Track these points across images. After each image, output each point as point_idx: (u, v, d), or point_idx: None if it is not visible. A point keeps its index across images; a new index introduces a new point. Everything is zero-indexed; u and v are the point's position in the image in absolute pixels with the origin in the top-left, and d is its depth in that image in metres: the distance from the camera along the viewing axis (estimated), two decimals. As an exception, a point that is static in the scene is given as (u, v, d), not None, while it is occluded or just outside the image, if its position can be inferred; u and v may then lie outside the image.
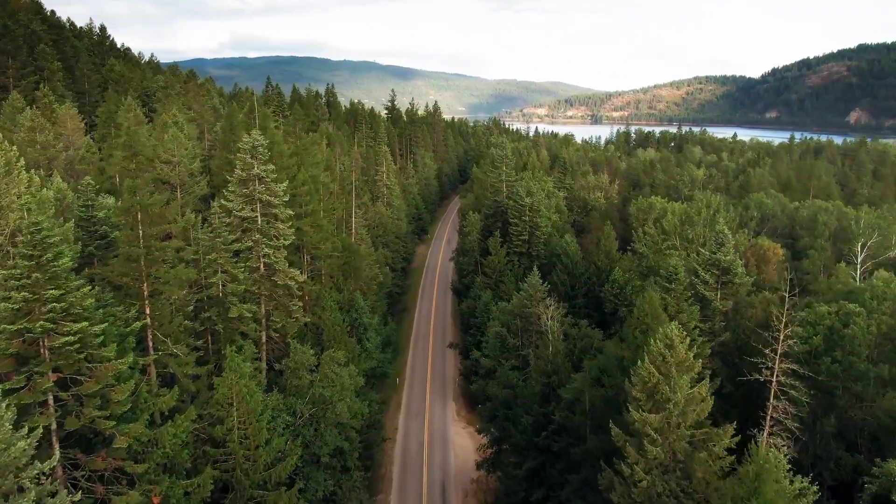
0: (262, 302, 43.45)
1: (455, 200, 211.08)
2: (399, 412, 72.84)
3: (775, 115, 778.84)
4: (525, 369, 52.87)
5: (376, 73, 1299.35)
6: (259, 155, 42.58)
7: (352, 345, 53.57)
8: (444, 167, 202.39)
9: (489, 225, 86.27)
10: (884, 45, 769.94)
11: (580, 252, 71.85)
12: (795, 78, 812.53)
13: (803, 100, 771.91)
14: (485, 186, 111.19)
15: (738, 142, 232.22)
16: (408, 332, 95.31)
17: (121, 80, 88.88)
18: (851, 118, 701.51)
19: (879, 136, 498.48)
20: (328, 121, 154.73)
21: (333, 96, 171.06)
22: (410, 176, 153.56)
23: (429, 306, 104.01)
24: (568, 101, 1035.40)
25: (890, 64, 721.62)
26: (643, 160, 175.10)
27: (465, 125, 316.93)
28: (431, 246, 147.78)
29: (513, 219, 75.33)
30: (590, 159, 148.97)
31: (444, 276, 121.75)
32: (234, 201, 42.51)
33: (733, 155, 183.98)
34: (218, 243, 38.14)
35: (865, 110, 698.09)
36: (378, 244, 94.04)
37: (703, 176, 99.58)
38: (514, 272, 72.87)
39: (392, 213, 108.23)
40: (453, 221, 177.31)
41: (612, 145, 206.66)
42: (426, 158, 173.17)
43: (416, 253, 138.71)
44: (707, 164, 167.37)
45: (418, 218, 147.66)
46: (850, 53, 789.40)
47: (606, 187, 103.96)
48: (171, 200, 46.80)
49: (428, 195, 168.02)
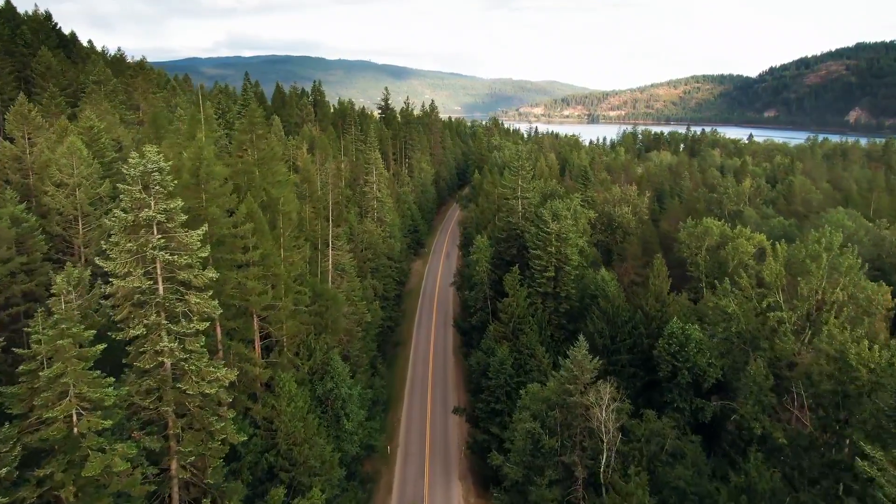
0: (169, 420, 26.74)
1: (454, 207, 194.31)
2: (390, 499, 56.21)
3: (773, 115, 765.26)
4: (570, 485, 36.29)
5: (371, 73, 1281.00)
6: (157, 185, 25.83)
7: (324, 451, 36.84)
8: (441, 171, 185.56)
9: (500, 251, 69.57)
10: (882, 44, 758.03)
11: (621, 293, 55.29)
12: (794, 77, 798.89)
13: (802, 99, 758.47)
14: (491, 199, 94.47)
15: (754, 143, 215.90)
16: (402, 377, 78.58)
17: (46, 74, 71.78)
18: (851, 117, 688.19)
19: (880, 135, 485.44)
20: (314, 122, 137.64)
21: (321, 95, 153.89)
22: (405, 183, 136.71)
23: (426, 343, 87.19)
24: (564, 101, 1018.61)
25: (889, 63, 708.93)
26: (660, 165, 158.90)
27: (462, 125, 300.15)
28: (429, 262, 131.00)
29: (534, 249, 58.64)
30: (604, 165, 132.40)
31: (443, 301, 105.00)
32: (116, 260, 25.74)
33: (756, 158, 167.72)
34: (66, 345, 21.39)
35: (865, 109, 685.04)
36: (366, 271, 77.32)
37: (749, 188, 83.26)
38: (538, 318, 56.25)
39: (383, 231, 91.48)
40: (452, 232, 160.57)
41: (620, 147, 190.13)
42: (423, 163, 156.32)
43: (412, 271, 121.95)
44: (731, 170, 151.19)
45: (414, 230, 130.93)
46: (848, 52, 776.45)
47: (634, 200, 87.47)
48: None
49: (425, 203, 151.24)
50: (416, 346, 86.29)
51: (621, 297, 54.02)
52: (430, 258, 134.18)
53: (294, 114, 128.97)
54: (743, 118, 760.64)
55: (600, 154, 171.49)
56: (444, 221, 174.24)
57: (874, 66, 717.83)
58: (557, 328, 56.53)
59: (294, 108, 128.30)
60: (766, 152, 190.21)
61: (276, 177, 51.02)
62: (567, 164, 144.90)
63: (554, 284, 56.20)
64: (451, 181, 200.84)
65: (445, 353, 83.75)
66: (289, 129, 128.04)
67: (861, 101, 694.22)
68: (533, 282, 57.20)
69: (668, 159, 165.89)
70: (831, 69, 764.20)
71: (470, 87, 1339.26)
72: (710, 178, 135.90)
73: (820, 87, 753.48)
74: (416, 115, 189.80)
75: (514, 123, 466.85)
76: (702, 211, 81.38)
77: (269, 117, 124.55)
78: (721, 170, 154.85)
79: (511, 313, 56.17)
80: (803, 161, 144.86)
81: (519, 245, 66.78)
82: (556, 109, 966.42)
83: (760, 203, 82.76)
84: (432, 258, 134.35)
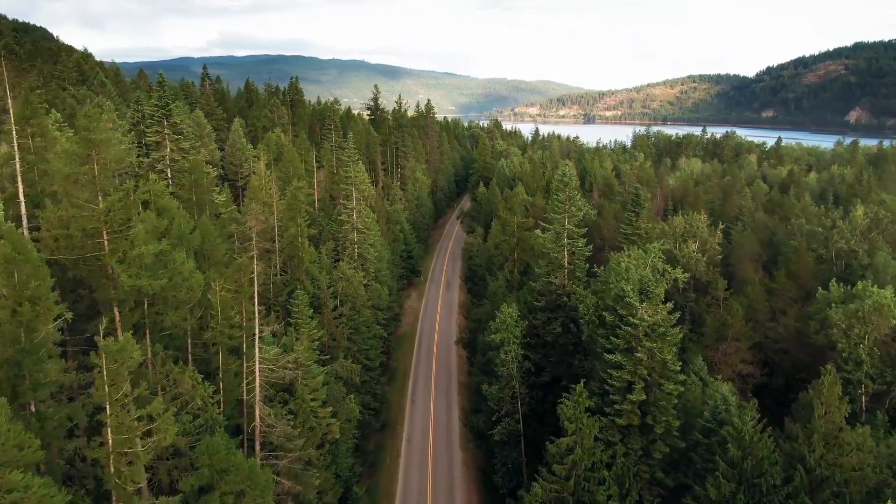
0: None
1: (453, 219, 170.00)
2: None
3: (772, 115, 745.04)
4: None
5: (365, 72, 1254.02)
6: None
7: None
8: (438, 180, 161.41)
9: (536, 326, 45.65)
10: (881, 44, 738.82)
11: (754, 426, 31.71)
12: (792, 76, 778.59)
13: (800, 99, 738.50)
14: (509, 230, 70.59)
15: (785, 147, 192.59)
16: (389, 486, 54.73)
17: None
18: (851, 117, 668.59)
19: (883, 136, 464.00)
20: (289, 125, 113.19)
21: (299, 94, 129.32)
22: (397, 199, 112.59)
23: (423, 434, 63.09)
24: (560, 100, 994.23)
25: (889, 62, 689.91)
26: (690, 174, 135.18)
27: (460, 127, 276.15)
28: (426, 293, 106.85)
29: (609, 354, 34.13)
30: (634, 176, 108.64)
31: (444, 354, 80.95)
32: None
33: (799, 165, 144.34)
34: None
35: (866, 109, 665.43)
36: (339, 350, 53.46)
37: (864, 218, 59.62)
38: (618, 470, 32.44)
39: (366, 275, 67.52)
40: (452, 252, 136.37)
41: (639, 153, 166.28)
42: (417, 172, 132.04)
43: (406, 309, 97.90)
44: (777, 181, 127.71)
45: (408, 256, 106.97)
46: (846, 52, 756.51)
47: (703, 234, 63.65)
48: None
49: (420, 220, 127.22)
50: (410, 437, 62.23)
51: (767, 448, 30.29)
52: (428, 288, 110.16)
53: (263, 116, 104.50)
54: (741, 118, 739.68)
55: (618, 161, 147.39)
56: (443, 238, 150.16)
57: (873, 65, 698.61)
58: (649, 486, 32.76)
59: (262, 109, 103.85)
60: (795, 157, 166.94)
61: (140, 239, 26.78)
62: (587, 174, 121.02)
63: (643, 412, 32.51)
64: (449, 190, 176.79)
65: (450, 452, 59.67)
66: (256, 134, 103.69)
67: (861, 100, 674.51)
68: (605, 404, 33.31)
69: (699, 167, 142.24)
70: (830, 69, 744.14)
71: (464, 86, 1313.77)
72: (757, 189, 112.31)
73: (819, 86, 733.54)
74: (411, 117, 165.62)
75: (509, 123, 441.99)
76: (801, 252, 57.61)
77: (230, 119, 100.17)
78: (764, 179, 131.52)
79: (571, 463, 32.23)
80: (880, 168, 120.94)
81: (566, 318, 42.95)
82: (551, 109, 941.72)
83: (880, 239, 59.05)
84: (430, 288, 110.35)
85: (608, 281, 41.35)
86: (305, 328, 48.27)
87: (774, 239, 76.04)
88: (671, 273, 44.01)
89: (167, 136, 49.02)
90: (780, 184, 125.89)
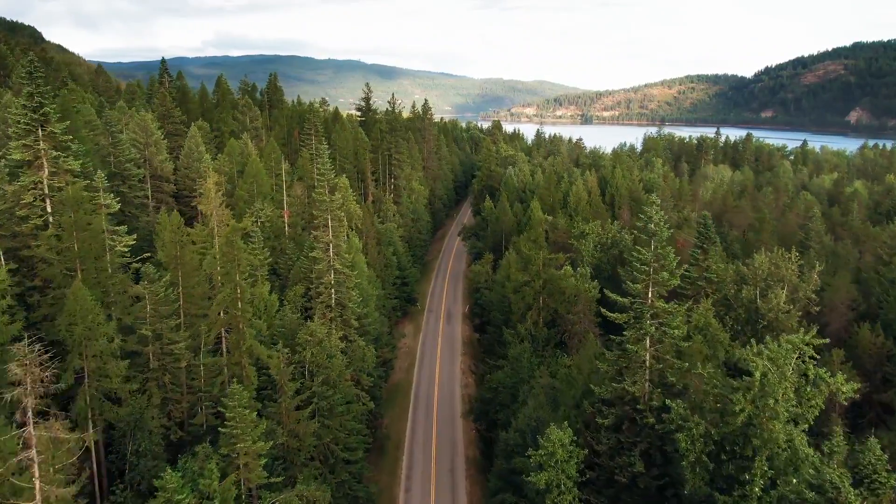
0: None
1: (452, 232, 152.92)
2: None
3: (771, 115, 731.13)
4: None
5: (361, 72, 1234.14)
6: None
7: None
8: (436, 187, 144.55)
9: (599, 454, 28.89)
10: (880, 44, 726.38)
11: None
12: (790, 77, 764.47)
13: (800, 99, 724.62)
14: (532, 269, 54.00)
15: (811, 151, 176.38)
16: None
17: None
18: (852, 118, 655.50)
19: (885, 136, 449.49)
20: (263, 128, 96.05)
21: (278, 93, 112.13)
22: (390, 214, 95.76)
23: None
24: (557, 101, 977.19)
25: (889, 62, 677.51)
26: (721, 183, 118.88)
27: (458, 128, 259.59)
28: (424, 327, 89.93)
29: None
30: (670, 189, 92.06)
31: (447, 425, 63.86)
32: None
33: (839, 171, 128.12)
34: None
35: (866, 110, 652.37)
36: (301, 454, 36.88)
37: None
38: None
39: (347, 329, 50.87)
40: (453, 271, 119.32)
41: (657, 159, 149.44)
42: (413, 181, 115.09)
43: (400, 348, 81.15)
44: (823, 193, 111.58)
45: (402, 282, 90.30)
46: (845, 52, 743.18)
47: (793, 277, 47.35)
48: None
49: (417, 236, 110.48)
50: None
51: None
52: (426, 320, 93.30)
53: (230, 118, 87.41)
54: (740, 119, 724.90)
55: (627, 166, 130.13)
56: (442, 253, 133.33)
57: (873, 65, 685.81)
58: None
59: (228, 112, 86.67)
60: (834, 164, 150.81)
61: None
62: (608, 185, 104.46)
63: None
64: (448, 199, 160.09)
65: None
66: (224, 141, 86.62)
67: (861, 101, 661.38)
68: None
69: (728, 175, 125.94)
70: (829, 69, 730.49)
71: (460, 86, 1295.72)
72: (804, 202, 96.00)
73: (818, 86, 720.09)
74: (406, 118, 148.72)
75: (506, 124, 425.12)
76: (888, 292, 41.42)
77: (188, 123, 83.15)
78: (804, 188, 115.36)
79: None
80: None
81: (650, 447, 26.41)
82: (548, 110, 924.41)
83: None
84: (428, 319, 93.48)
85: (721, 392, 24.69)
86: (244, 439, 31.60)
87: (862, 276, 59.72)
88: (827, 383, 27.26)
89: (43, 152, 32.51)
90: (826, 195, 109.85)
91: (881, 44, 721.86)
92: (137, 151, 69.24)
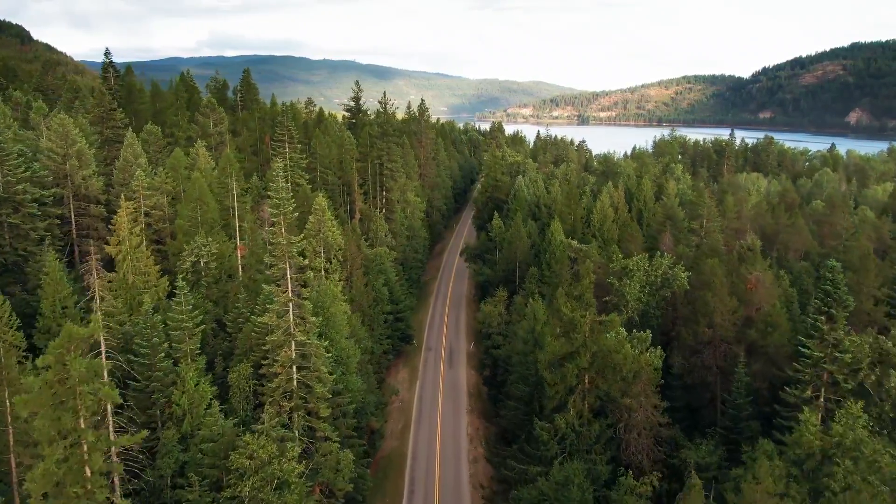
0: None
1: (452, 245, 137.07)
2: None
3: (769, 116, 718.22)
4: None
5: (356, 73, 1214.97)
6: None
7: None
8: (434, 197, 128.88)
9: None
10: (879, 44, 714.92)
11: None
12: (789, 77, 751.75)
13: (798, 100, 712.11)
14: (577, 340, 38.41)
15: (835, 155, 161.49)
16: None
17: None
18: (851, 118, 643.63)
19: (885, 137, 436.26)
20: (228, 134, 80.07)
21: (252, 91, 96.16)
22: (379, 237, 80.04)
23: None
24: (553, 101, 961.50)
25: (888, 63, 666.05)
26: (759, 194, 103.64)
27: (456, 130, 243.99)
28: (421, 375, 74.07)
29: None
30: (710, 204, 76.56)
31: None
32: None
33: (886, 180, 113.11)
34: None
35: (866, 110, 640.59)
36: None
37: None
38: None
39: (316, 424, 35.31)
40: (453, 293, 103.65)
41: (677, 165, 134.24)
42: (409, 192, 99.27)
43: (392, 406, 65.51)
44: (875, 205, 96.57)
45: (396, 318, 74.72)
46: (844, 52, 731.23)
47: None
48: None
49: (412, 256, 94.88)
50: None
51: None
52: (424, 361, 77.64)
53: (182, 122, 71.45)
54: (738, 119, 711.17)
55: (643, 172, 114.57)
56: (441, 272, 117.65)
57: (872, 65, 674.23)
58: None
59: (184, 111, 70.75)
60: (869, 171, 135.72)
61: None
62: (633, 198, 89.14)
63: None
64: (447, 208, 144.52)
65: None
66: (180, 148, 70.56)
67: (861, 101, 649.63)
68: None
69: (763, 185, 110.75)
70: (828, 69, 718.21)
71: (456, 87, 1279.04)
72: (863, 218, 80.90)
73: (817, 87, 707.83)
74: (401, 120, 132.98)
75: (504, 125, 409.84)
76: None
77: (139, 128, 67.40)
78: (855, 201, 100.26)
79: None
80: None
81: None
82: (544, 110, 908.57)
83: None
84: (426, 360, 77.84)
85: None
86: None
87: None
88: None
89: None
90: (880, 208, 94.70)
91: (879, 44, 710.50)
92: (54, 164, 53.45)
